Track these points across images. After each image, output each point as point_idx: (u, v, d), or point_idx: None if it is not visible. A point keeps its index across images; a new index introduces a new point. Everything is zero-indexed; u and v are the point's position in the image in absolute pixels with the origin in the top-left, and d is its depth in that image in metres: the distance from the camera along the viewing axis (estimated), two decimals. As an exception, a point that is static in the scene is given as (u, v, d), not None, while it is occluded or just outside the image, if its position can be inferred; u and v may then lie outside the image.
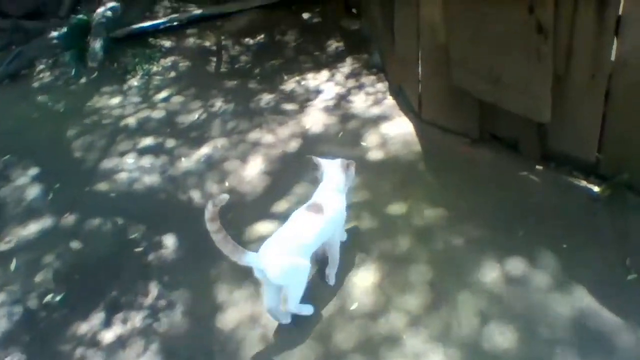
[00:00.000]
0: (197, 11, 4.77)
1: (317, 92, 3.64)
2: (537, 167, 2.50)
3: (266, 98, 3.65)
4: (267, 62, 4.15)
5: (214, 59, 4.32)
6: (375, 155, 2.85)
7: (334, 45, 4.22)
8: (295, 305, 1.94)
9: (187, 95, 3.82)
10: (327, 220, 2.01)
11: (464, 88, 2.54)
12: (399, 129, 3.01)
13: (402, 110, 3.15)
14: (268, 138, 3.20)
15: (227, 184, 2.89)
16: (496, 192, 2.44)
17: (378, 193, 2.58)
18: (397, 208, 2.47)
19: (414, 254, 2.22)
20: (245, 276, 2.21)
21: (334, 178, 2.11)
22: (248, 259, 1.82)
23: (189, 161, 3.13)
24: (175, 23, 4.70)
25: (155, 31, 4.64)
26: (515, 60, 2.23)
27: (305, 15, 4.68)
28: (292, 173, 2.84)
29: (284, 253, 1.87)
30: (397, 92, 3.28)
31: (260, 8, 4.83)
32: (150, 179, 3.04)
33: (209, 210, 1.75)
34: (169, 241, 2.58)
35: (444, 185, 2.56)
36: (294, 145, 3.10)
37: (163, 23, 4.63)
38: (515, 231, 2.22)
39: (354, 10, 4.42)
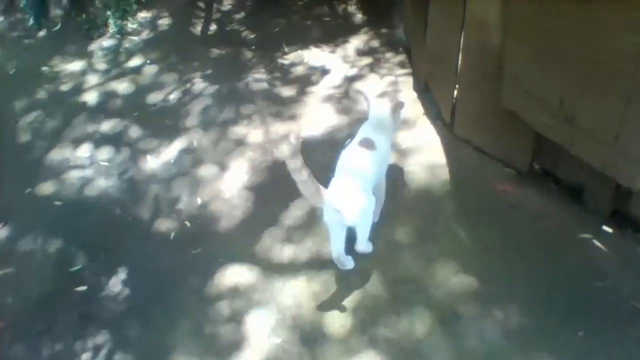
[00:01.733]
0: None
1: (323, 72, 2.96)
2: (606, 228, 1.88)
3: (259, 76, 2.98)
4: (265, 25, 3.43)
5: (202, 15, 3.59)
6: (387, 183, 2.11)
7: (350, 8, 3.47)
8: (367, 242, 1.91)
9: (163, 65, 3.15)
10: (382, 155, 1.99)
11: (519, 114, 1.90)
12: (422, 142, 2.35)
13: (428, 115, 2.48)
14: (256, 136, 2.58)
15: (199, 199, 2.31)
16: (548, 260, 1.82)
17: (386, 248, 1.93)
18: (409, 274, 1.83)
19: (430, 351, 1.63)
20: (209, 348, 1.72)
21: (382, 117, 2.05)
22: (324, 200, 1.76)
23: (155, 161, 2.54)
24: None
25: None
26: (602, 101, 1.57)
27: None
28: (282, 192, 2.20)
29: (356, 191, 1.81)
30: (423, 88, 2.60)
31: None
32: (106, 183, 2.46)
33: (291, 144, 1.65)
34: (120, 281, 2.04)
35: (478, 241, 1.92)
36: (286, 149, 2.48)
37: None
38: (572, 328, 1.61)
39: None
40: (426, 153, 2.29)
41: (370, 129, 2.03)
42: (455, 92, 2.24)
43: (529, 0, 1.65)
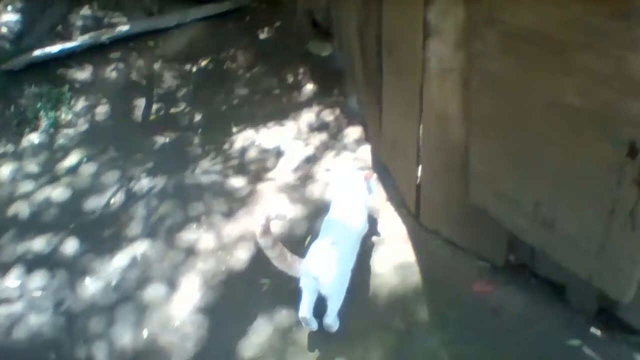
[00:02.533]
0: (124, 27, 3.77)
1: (277, 154, 2.77)
2: (594, 330, 1.72)
3: (208, 166, 2.77)
4: (211, 103, 3.24)
5: (143, 99, 3.38)
6: (351, 286, 1.91)
7: (299, 78, 3.32)
8: (335, 317, 1.86)
9: (102, 162, 2.90)
10: (359, 231, 2.04)
11: (490, 214, 1.74)
12: (387, 234, 2.17)
13: (391, 201, 2.31)
14: (207, 241, 2.34)
15: (145, 331, 2.04)
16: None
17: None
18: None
19: None
20: None
21: (353, 191, 2.09)
22: (301, 268, 1.81)
23: (95, 284, 2.26)
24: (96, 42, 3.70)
25: (68, 56, 3.65)
26: (585, 209, 1.43)
27: (262, 33, 3.74)
28: (239, 314, 1.99)
29: (334, 260, 1.84)
30: (383, 168, 2.45)
31: (205, 20, 3.87)
32: (39, 320, 2.15)
33: (261, 224, 1.72)
34: None
35: None
36: (242, 256, 2.25)
37: (77, 47, 3.63)
38: None
39: (319, 24, 3.49)
40: (393, 248, 2.11)
41: (344, 203, 2.05)
42: (417, 183, 2.08)
43: (493, 94, 1.50)
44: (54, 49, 3.55)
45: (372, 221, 2.20)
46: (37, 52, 3.51)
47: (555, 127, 1.40)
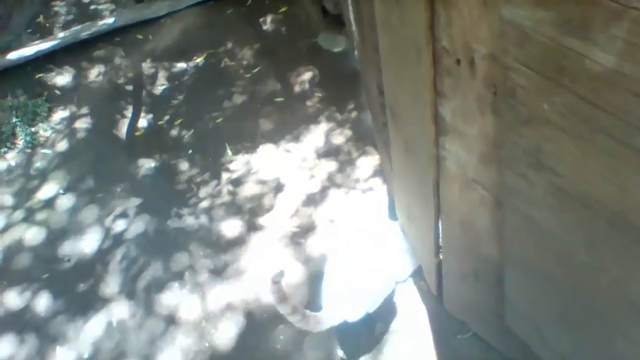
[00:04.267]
0: (109, 20, 3.35)
1: (277, 189, 2.39)
2: None
3: (196, 202, 2.43)
4: (205, 114, 2.85)
5: (129, 108, 3.02)
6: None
7: (307, 82, 2.87)
8: None
9: (80, 194, 2.58)
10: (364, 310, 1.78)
11: (526, 342, 1.34)
12: (403, 316, 1.80)
13: (409, 267, 1.93)
14: (190, 307, 2.04)
15: None
16: None
17: None
18: None
19: None
20: None
21: (359, 253, 1.84)
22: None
23: (67, 354, 2.02)
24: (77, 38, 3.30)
25: (47, 57, 3.29)
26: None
27: (265, 22, 3.25)
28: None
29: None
30: (401, 227, 2.03)
31: (200, 6, 3.40)
32: (2, 401, 1.99)
33: (274, 291, 1.58)
34: None
35: None
36: (229, 331, 1.93)
37: (56, 46, 3.24)
38: None
39: (329, 10, 2.96)
40: (409, 337, 1.75)
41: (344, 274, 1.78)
42: (437, 262, 1.67)
43: (537, 241, 1.08)
44: (31, 50, 3.20)
45: (385, 296, 1.84)
46: (13, 55, 3.17)
47: (615, 310, 1.00)
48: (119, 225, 2.41)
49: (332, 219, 2.20)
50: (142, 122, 2.91)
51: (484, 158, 1.09)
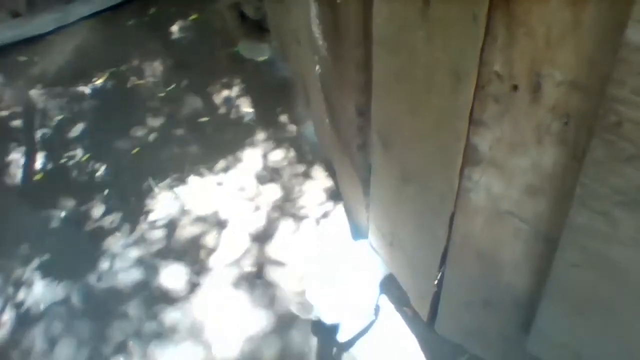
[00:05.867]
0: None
1: (218, 225, 2.13)
2: None
3: (124, 253, 2.09)
4: (118, 145, 2.49)
5: (19, 148, 2.56)
6: None
7: (232, 97, 2.61)
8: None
9: (-29, 262, 2.17)
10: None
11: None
12: (390, 343, 1.68)
13: (389, 293, 1.79)
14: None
15: None
16: None
17: None
18: None
19: None
20: None
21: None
22: None
23: None
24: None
25: None
26: None
27: (175, 32, 2.93)
28: None
29: None
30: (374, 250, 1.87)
31: (94, 17, 3.00)
32: None
33: None
34: None
35: None
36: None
37: None
38: None
39: (249, 16, 2.73)
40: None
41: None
42: (433, 287, 1.54)
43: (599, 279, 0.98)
44: None
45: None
46: None
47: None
48: (33, 296, 2.01)
49: (289, 250, 2.01)
50: (40, 163, 2.49)
51: (532, 191, 0.98)
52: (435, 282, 1.45)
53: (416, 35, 0.98)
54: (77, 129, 2.62)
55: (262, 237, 2.06)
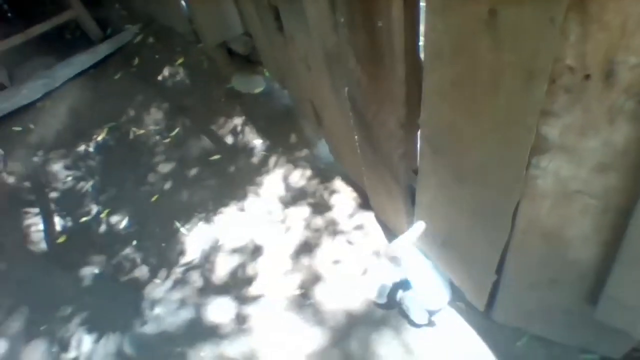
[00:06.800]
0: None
1: (254, 253, 2.20)
2: None
3: (166, 297, 2.10)
4: (133, 195, 2.54)
5: (37, 216, 2.58)
6: None
7: (238, 131, 2.71)
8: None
9: (14, 335, 2.12)
10: None
11: (618, 328, 1.38)
12: (448, 333, 1.77)
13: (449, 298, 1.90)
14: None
15: None
16: None
17: None
18: None
19: None
20: None
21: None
22: None
23: None
24: None
25: None
26: None
27: (165, 78, 3.02)
28: None
29: None
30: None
31: (80, 77, 3.06)
32: None
33: None
34: None
35: None
36: None
37: None
38: None
39: (238, 52, 2.86)
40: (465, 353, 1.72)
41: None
42: (491, 278, 1.65)
43: None
44: None
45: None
46: None
47: None
48: (82, 355, 2.03)
49: (330, 265, 2.09)
50: (59, 226, 2.51)
51: (602, 168, 1.09)
52: (498, 271, 1.57)
53: (480, 43, 1.05)
54: (89, 186, 2.66)
55: (300, 257, 2.15)
